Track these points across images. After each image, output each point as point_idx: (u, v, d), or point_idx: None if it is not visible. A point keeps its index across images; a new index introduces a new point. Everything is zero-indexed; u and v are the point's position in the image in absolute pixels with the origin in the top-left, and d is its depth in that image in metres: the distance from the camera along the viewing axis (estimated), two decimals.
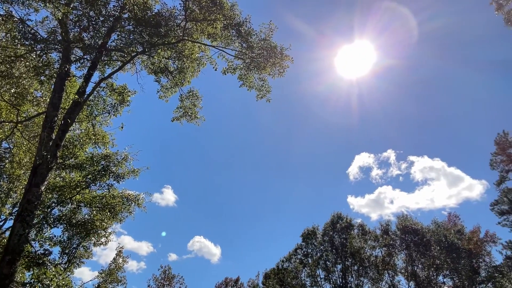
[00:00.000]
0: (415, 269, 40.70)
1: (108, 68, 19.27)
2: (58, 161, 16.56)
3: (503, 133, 39.72)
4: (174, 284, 42.41)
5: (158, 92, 20.24)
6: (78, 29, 16.69)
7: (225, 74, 17.63)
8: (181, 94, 19.94)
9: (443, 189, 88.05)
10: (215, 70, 17.76)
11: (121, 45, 17.58)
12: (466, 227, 44.08)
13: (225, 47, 17.35)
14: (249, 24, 16.38)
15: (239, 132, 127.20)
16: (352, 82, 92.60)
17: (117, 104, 17.72)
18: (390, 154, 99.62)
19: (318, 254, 45.66)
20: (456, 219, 46.26)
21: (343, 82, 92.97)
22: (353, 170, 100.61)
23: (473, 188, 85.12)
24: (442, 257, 38.98)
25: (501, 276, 36.37)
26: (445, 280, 40.34)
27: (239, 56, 17.48)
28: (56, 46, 16.24)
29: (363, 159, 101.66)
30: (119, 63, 18.69)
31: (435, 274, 40.08)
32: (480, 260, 41.17)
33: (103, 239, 22.18)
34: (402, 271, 41.60)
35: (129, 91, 18.31)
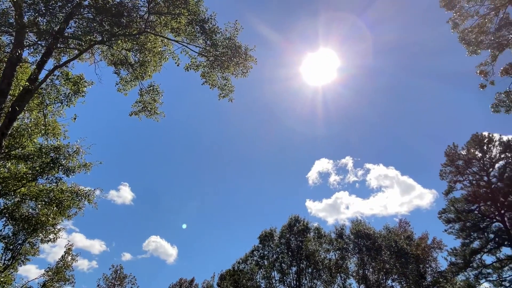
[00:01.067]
0: (366, 272, 42.00)
1: (64, 56, 18.42)
2: (3, 150, 15.57)
3: (453, 145, 41.91)
4: (126, 284, 41.10)
5: (117, 84, 19.55)
6: (34, 13, 15.80)
7: (188, 70, 17.35)
8: (141, 88, 19.39)
9: (396, 197, 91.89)
10: (178, 65, 17.44)
11: (79, 33, 16.83)
12: (415, 234, 46.19)
13: (189, 43, 17.07)
14: (214, 22, 16.23)
15: (203, 132, 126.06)
16: (315, 88, 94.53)
17: (72, 94, 16.89)
18: (348, 161, 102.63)
19: (274, 256, 46.02)
20: (406, 226, 48.31)
21: (307, 89, 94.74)
22: (312, 175, 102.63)
23: (424, 197, 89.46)
24: (392, 261, 40.50)
25: (445, 281, 38.29)
26: (393, 284, 41.96)
27: (203, 53, 17.26)
28: (8, 29, 15.31)
29: (323, 164, 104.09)
30: (76, 51, 17.88)
31: (384, 277, 41.55)
32: (427, 265, 43.21)
33: (51, 236, 21.11)
34: (354, 274, 42.80)
35: (86, 82, 17.52)
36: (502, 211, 36.76)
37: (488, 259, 37.84)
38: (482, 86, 21.25)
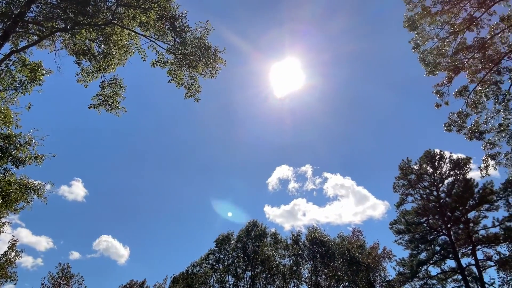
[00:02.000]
0: (319, 279, 42.79)
1: (22, 41, 17.46)
2: None
3: (407, 160, 43.84)
4: (72, 284, 39.13)
5: (77, 75, 18.76)
6: None
7: (154, 66, 16.95)
8: (102, 81, 18.72)
9: (350, 206, 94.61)
10: (144, 60, 17.00)
11: (41, 18, 16.06)
12: (367, 243, 47.71)
13: (157, 39, 16.71)
14: (185, 20, 15.99)
15: (166, 131, 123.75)
16: (281, 96, 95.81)
17: (28, 82, 16.01)
18: (308, 169, 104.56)
19: (230, 260, 45.84)
20: (359, 235, 49.80)
21: (273, 96, 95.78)
22: (272, 181, 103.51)
23: (377, 208, 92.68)
24: (344, 269, 41.56)
25: None
26: None
27: (171, 50, 16.96)
28: None
29: (283, 171, 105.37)
30: (36, 37, 17.02)
31: (336, 285, 42.52)
32: (376, 274, 44.71)
33: None
34: (307, 280, 43.46)
35: (44, 70, 16.68)
36: (449, 225, 38.86)
37: (434, 270, 39.87)
38: (438, 105, 22.40)
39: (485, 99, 21.63)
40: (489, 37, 20.72)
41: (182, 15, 15.91)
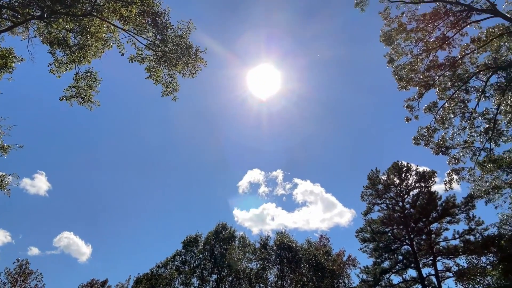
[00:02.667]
0: (284, 284, 43.05)
1: None
2: None
3: (376, 170, 45.02)
4: (30, 281, 37.54)
5: (50, 65, 18.13)
6: None
7: (132, 61, 16.64)
8: (77, 73, 18.17)
9: (318, 213, 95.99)
10: (122, 55, 16.65)
11: (16, 4, 15.45)
12: (333, 249, 48.50)
13: (137, 34, 16.43)
14: (167, 17, 15.82)
15: (139, 129, 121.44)
16: (257, 101, 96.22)
17: None
18: (279, 174, 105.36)
19: (196, 263, 45.38)
20: (326, 241, 50.60)
21: (250, 100, 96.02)
22: (243, 184, 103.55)
23: (344, 215, 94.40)
24: (310, 274, 42.02)
25: None
26: None
27: (151, 47, 16.73)
28: None
29: (255, 175, 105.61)
30: (9, 23, 16.36)
31: None
32: (341, 281, 45.46)
33: None
34: (273, 285, 43.63)
35: (15, 57, 16.07)
36: (412, 236, 40.14)
37: (396, 279, 41.02)
38: (408, 119, 23.20)
39: (452, 116, 22.60)
40: (459, 56, 21.72)
41: (165, 12, 15.74)
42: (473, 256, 35.51)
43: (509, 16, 18.89)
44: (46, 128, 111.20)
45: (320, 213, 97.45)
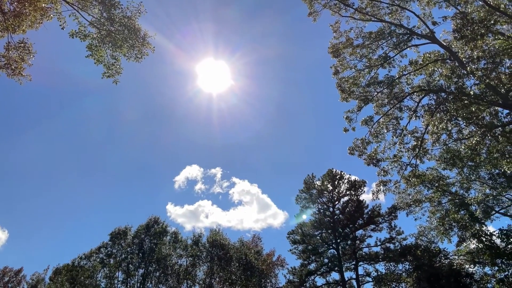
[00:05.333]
0: (213, 281, 42.91)
1: None
2: None
3: (311, 175, 46.68)
4: None
5: None
6: None
7: (73, 37, 15.44)
8: (8, 42, 16.49)
9: (253, 213, 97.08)
10: (63, 29, 15.35)
11: None
12: (264, 249, 49.27)
13: (82, 9, 15.29)
14: None
15: (73, 111, 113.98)
16: (204, 96, 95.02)
17: None
18: (218, 172, 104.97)
19: (123, 256, 43.63)
20: (258, 241, 51.24)
21: (196, 95, 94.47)
22: (180, 180, 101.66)
23: (277, 217, 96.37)
24: (239, 273, 42.30)
25: None
26: None
27: (96, 24, 15.66)
28: None
29: (193, 170, 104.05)
30: None
31: None
32: (268, 280, 46.32)
33: None
34: (201, 282, 43.28)
35: None
36: (338, 240, 42.14)
37: (320, 281, 42.78)
38: (345, 130, 24.22)
39: (385, 131, 24.02)
40: (397, 76, 23.16)
41: None
42: (391, 263, 38.12)
43: (445, 44, 20.49)
44: None
45: (255, 214, 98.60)
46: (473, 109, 19.32)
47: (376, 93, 23.69)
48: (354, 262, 41.17)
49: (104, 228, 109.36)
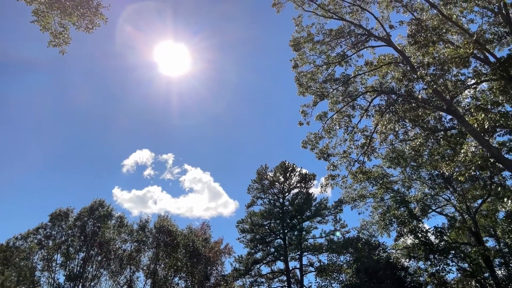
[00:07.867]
0: (157, 268, 42.33)
1: None
2: None
3: (265, 166, 47.17)
4: None
5: None
6: None
7: (18, 0, 14.20)
8: None
9: (203, 201, 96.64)
10: None
11: None
12: (212, 237, 49.30)
13: None
14: None
15: (19, 79, 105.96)
16: (165, 78, 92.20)
17: None
18: (170, 158, 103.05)
19: (63, 238, 41.76)
20: (207, 229, 51.11)
21: (155, 77, 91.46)
22: (129, 163, 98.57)
23: (228, 206, 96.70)
24: (185, 260, 42.05)
25: (225, 284, 42.00)
26: (180, 281, 43.42)
27: None
28: None
29: (143, 155, 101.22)
30: None
31: (173, 275, 42.68)
32: (214, 268, 46.49)
33: None
34: (145, 268, 42.54)
35: None
36: (286, 231, 43.09)
37: (265, 269, 43.62)
38: (300, 123, 24.57)
39: (337, 127, 24.65)
40: (353, 75, 23.79)
41: None
42: (334, 255, 39.65)
43: (399, 48, 21.31)
44: None
45: (206, 202, 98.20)
46: (420, 112, 20.35)
47: (332, 90, 24.20)
48: (299, 252, 42.38)
49: (45, 210, 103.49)
